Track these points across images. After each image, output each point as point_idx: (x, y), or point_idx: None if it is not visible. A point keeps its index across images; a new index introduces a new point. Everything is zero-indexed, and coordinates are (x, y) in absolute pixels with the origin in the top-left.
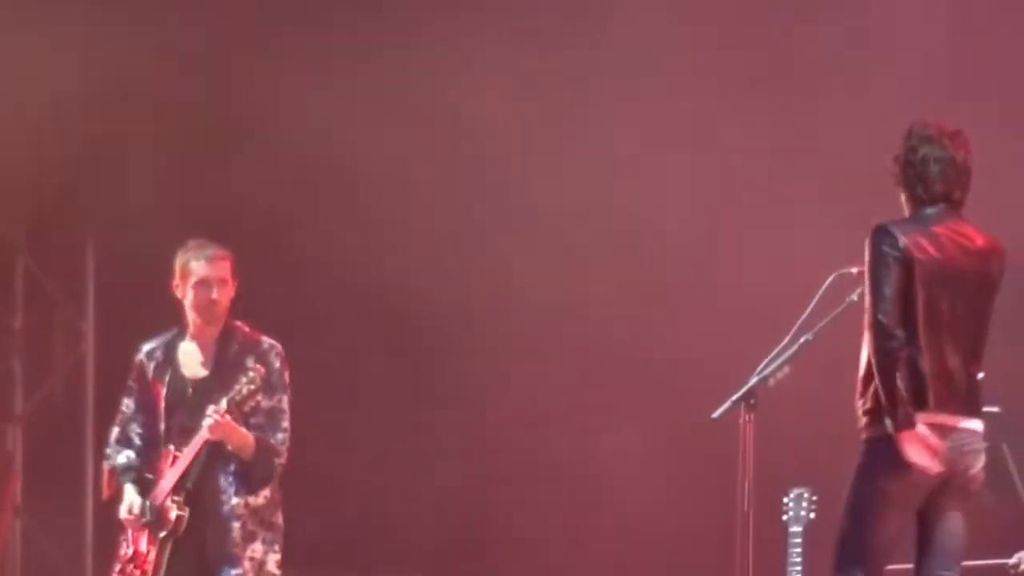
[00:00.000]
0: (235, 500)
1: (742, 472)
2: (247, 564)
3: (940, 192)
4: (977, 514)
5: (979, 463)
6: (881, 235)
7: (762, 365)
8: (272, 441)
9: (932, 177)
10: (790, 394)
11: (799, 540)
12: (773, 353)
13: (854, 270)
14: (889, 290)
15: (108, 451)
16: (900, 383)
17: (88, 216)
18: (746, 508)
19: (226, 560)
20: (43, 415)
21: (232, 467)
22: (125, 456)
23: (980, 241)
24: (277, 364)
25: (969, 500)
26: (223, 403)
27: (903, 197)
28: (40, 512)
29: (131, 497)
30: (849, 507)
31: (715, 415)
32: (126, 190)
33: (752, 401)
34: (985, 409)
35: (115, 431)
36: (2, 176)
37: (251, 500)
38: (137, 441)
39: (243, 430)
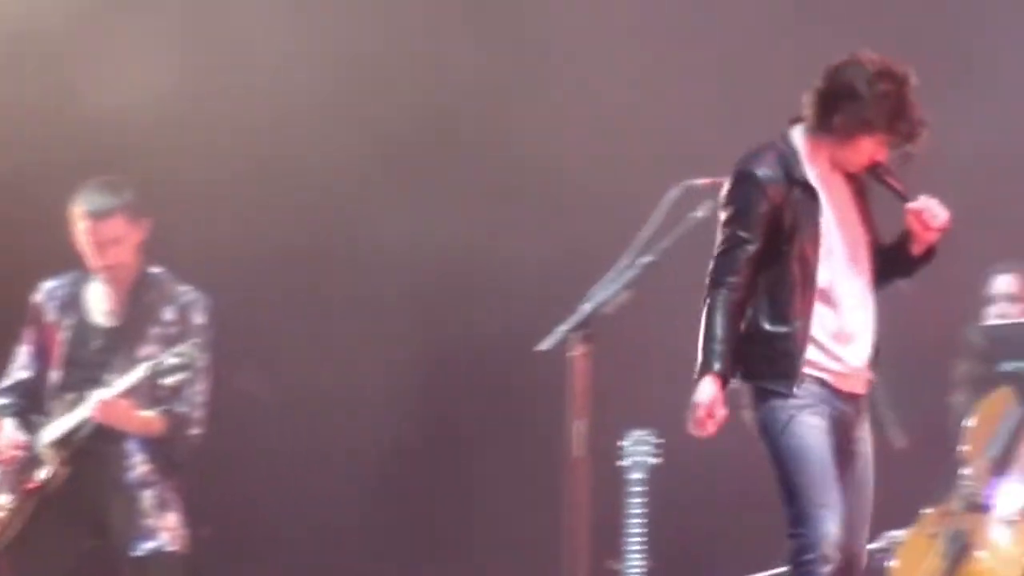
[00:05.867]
0: (144, 466)
1: (575, 412)
2: (165, 536)
3: None
4: None
5: None
6: None
7: (597, 290)
8: (182, 410)
9: None
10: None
11: (640, 488)
12: (610, 276)
13: (701, 181)
14: None
15: None
16: None
17: None
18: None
19: (137, 533)
20: None
21: None
22: (3, 398)
23: None
24: (200, 319)
25: None
26: (127, 378)
27: None
28: None
29: (8, 431)
30: None
31: (542, 346)
32: None
33: (587, 331)
34: None
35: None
36: None
37: (164, 466)
38: (26, 388)
39: (142, 415)
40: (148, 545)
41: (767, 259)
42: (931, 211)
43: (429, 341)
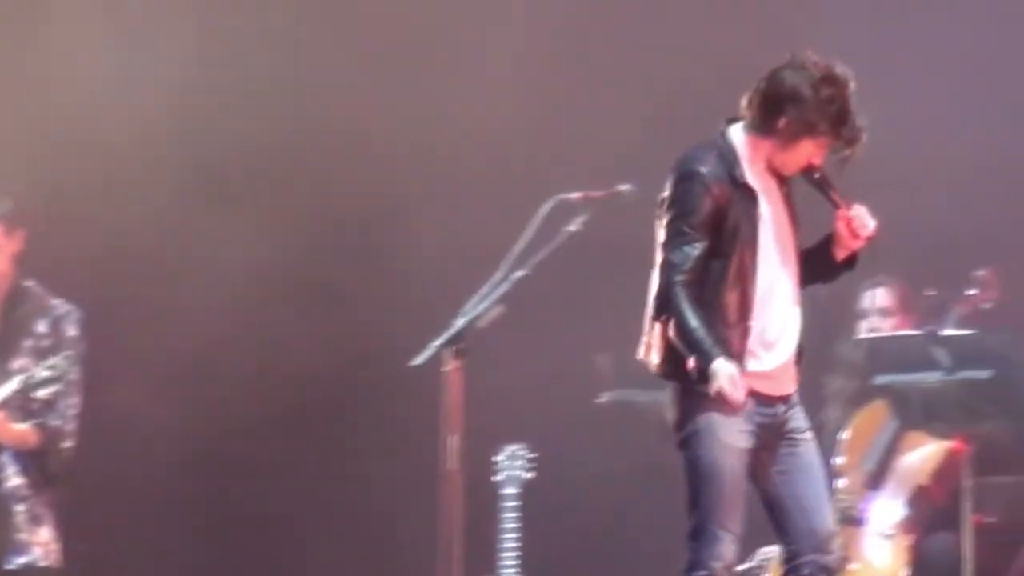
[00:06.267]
0: (17, 480)
1: (448, 427)
2: (37, 551)
3: None
4: None
5: None
6: None
7: (471, 304)
8: (55, 423)
9: None
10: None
11: (514, 503)
12: (483, 290)
13: (574, 195)
14: None
15: None
16: None
17: None
18: (453, 468)
19: (10, 547)
20: None
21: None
22: None
23: None
24: (73, 331)
25: None
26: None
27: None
28: None
29: None
30: None
31: (416, 361)
32: None
33: (460, 345)
34: None
35: None
36: None
37: (38, 480)
38: None
39: (16, 427)
40: (20, 560)
41: (709, 260)
42: (862, 219)
43: (303, 355)
